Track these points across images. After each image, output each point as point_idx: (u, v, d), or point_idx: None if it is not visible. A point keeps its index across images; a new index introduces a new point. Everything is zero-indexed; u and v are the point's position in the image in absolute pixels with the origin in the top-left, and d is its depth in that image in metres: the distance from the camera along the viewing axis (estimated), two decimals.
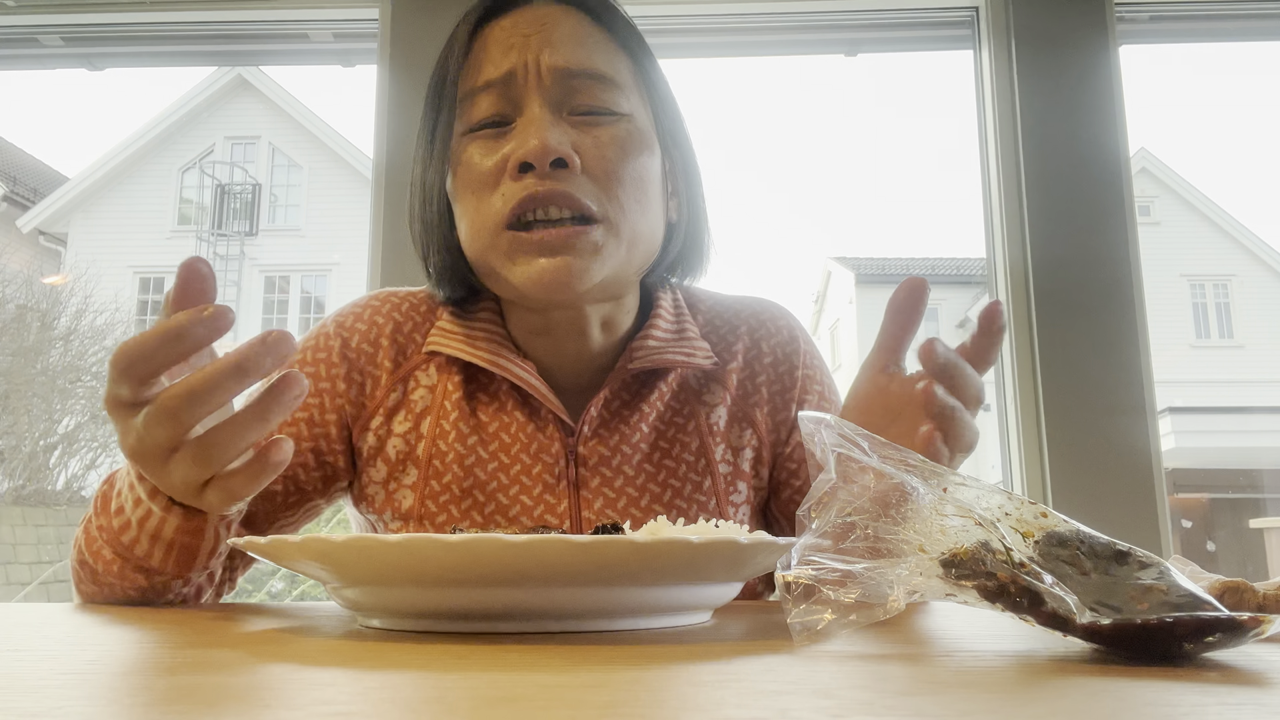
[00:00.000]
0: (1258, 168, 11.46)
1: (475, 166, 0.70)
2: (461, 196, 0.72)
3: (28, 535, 3.94)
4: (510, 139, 0.69)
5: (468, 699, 0.28)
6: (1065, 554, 0.41)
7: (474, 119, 0.71)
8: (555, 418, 0.76)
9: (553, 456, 0.75)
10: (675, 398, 0.79)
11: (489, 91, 0.70)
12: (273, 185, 6.83)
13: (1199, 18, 1.78)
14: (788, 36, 1.82)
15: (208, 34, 1.83)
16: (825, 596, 0.38)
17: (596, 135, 0.70)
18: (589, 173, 0.69)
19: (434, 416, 0.76)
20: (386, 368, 0.78)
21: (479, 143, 0.71)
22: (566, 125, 0.70)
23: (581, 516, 0.74)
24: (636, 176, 0.71)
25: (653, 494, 0.75)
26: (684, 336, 0.79)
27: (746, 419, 0.80)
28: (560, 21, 0.72)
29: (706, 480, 0.77)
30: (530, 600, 0.43)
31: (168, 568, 0.64)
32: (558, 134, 0.68)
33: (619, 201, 0.70)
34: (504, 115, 0.70)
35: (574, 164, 0.68)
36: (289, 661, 0.36)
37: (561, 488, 0.74)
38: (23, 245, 6.22)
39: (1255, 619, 0.34)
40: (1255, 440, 6.00)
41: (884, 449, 0.44)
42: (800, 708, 0.26)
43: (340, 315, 0.82)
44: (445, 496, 0.75)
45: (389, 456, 0.77)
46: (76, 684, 0.31)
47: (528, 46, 0.70)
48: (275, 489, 0.76)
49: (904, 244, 18.57)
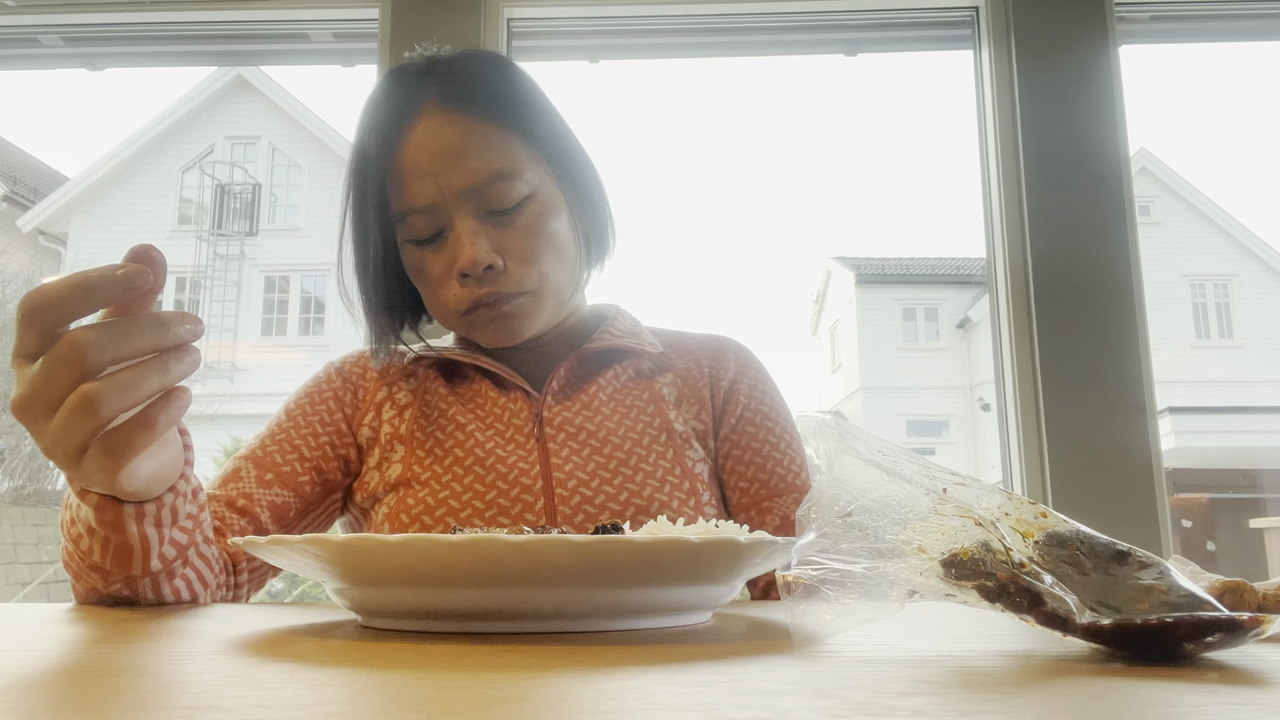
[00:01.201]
0: (1258, 168, 11.46)
1: (427, 271, 0.85)
2: (417, 280, 0.86)
3: (28, 535, 3.94)
4: (447, 249, 0.83)
5: (468, 699, 0.28)
6: (1065, 554, 0.41)
7: (412, 234, 0.84)
8: (523, 392, 0.88)
9: (522, 420, 0.86)
10: (630, 377, 0.91)
11: (420, 215, 0.83)
12: (273, 185, 6.84)
13: (1199, 18, 1.78)
14: (788, 36, 1.82)
15: (208, 34, 1.83)
16: (825, 596, 0.38)
17: (515, 226, 0.83)
18: (514, 260, 0.83)
19: (416, 405, 0.89)
20: (373, 377, 0.93)
21: (423, 252, 0.84)
22: (490, 227, 0.83)
23: (550, 464, 0.83)
24: (552, 244, 0.85)
25: (614, 444, 0.85)
26: (638, 335, 0.94)
27: (695, 398, 0.91)
28: (454, 137, 0.82)
29: (664, 435, 0.87)
30: (530, 600, 0.43)
31: (107, 564, 0.64)
32: (483, 244, 0.81)
33: (541, 273, 0.84)
34: (435, 228, 0.83)
35: (499, 265, 0.82)
36: (289, 661, 0.36)
37: (530, 445, 0.85)
38: (23, 245, 6.22)
39: (1255, 619, 0.34)
40: (1255, 440, 6.01)
41: (884, 450, 0.44)
42: (800, 708, 0.26)
43: (333, 359, 0.97)
44: (429, 459, 0.84)
45: (380, 441, 0.88)
46: (76, 684, 0.31)
47: (440, 173, 0.81)
48: (302, 479, 0.86)
49: (904, 244, 18.58)
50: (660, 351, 0.93)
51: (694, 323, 1.03)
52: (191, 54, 1.92)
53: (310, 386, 0.92)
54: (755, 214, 14.06)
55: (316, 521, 0.89)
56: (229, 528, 0.80)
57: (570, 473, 0.82)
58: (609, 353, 0.91)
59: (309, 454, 0.87)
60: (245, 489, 0.83)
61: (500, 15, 1.69)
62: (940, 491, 0.42)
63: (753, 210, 14.32)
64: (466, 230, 0.82)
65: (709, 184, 13.38)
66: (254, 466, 0.85)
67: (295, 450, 0.86)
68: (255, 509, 0.82)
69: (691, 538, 0.42)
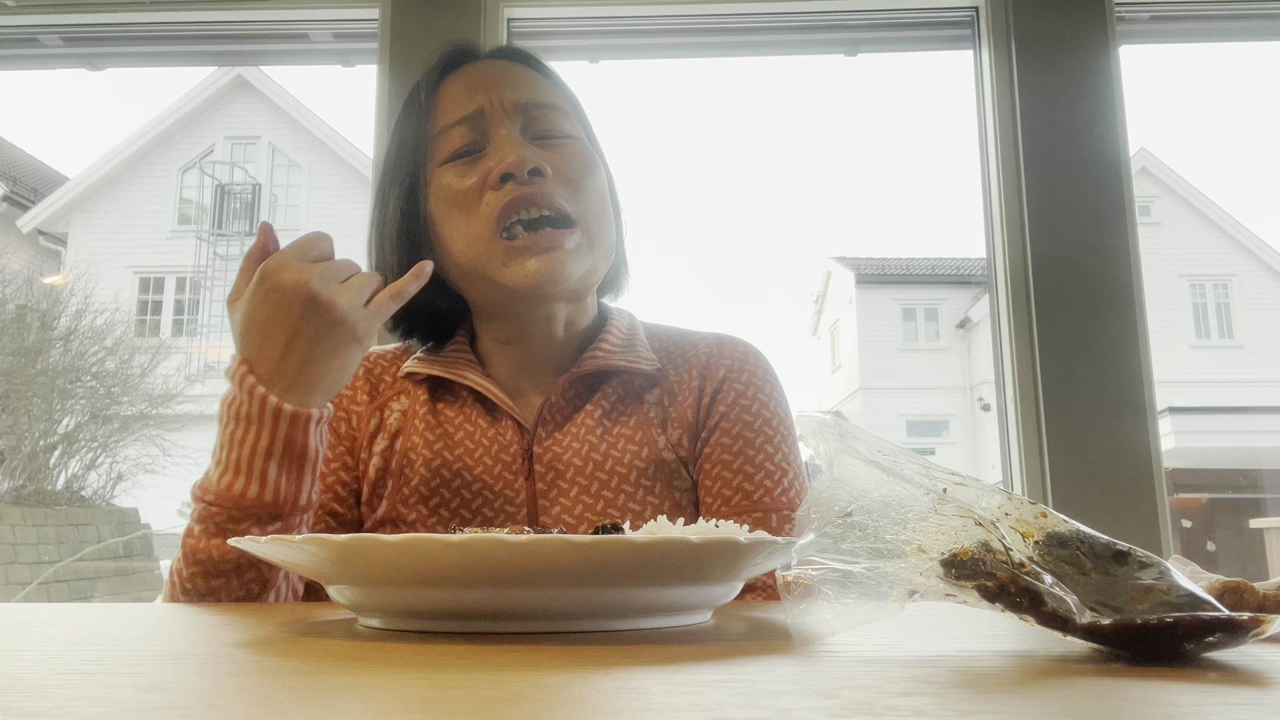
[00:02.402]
0: (1258, 168, 11.45)
1: (456, 187, 0.80)
2: (448, 215, 0.81)
3: (28, 535, 3.94)
4: (485, 160, 0.80)
5: (468, 699, 0.28)
6: (1065, 554, 0.41)
7: (447, 152, 0.82)
8: (513, 421, 0.84)
9: (511, 455, 0.82)
10: (620, 397, 0.86)
11: (460, 126, 0.81)
12: (273, 185, 6.83)
13: (1199, 18, 1.78)
14: (788, 36, 1.82)
15: (208, 34, 1.83)
16: (825, 596, 0.38)
17: (560, 152, 0.82)
18: (560, 180, 0.80)
19: (405, 434, 0.85)
20: (363, 401, 0.89)
21: (455, 169, 0.81)
22: (534, 146, 0.81)
23: (538, 505, 0.81)
24: (597, 189, 0.83)
25: (601, 481, 0.81)
26: (633, 348, 0.88)
27: (680, 419, 0.85)
28: (511, 68, 0.86)
29: (651, 466, 0.82)
30: (530, 600, 0.43)
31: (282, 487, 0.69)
32: (530, 150, 0.79)
33: (588, 208, 0.81)
34: (475, 145, 0.81)
35: (547, 172, 0.79)
36: (289, 661, 0.36)
37: (519, 483, 0.82)
38: (23, 245, 6.22)
39: (1255, 619, 0.34)
40: (1255, 440, 6.00)
41: (884, 450, 0.44)
42: (800, 708, 0.26)
43: None
44: (414, 498, 0.82)
45: (370, 477, 0.85)
46: (76, 684, 0.31)
47: (490, 88, 0.82)
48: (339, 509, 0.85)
49: (904, 244, 18.58)
50: (654, 369, 0.86)
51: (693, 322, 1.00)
52: (191, 54, 1.92)
53: None
54: (755, 214, 14.06)
55: None
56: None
57: (557, 516, 0.80)
58: (600, 374, 0.86)
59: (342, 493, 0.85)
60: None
61: (500, 15, 1.69)
62: (940, 491, 0.42)
63: (753, 210, 14.32)
64: (512, 136, 0.80)
65: (709, 184, 13.39)
66: None
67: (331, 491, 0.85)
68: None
69: (691, 538, 0.42)
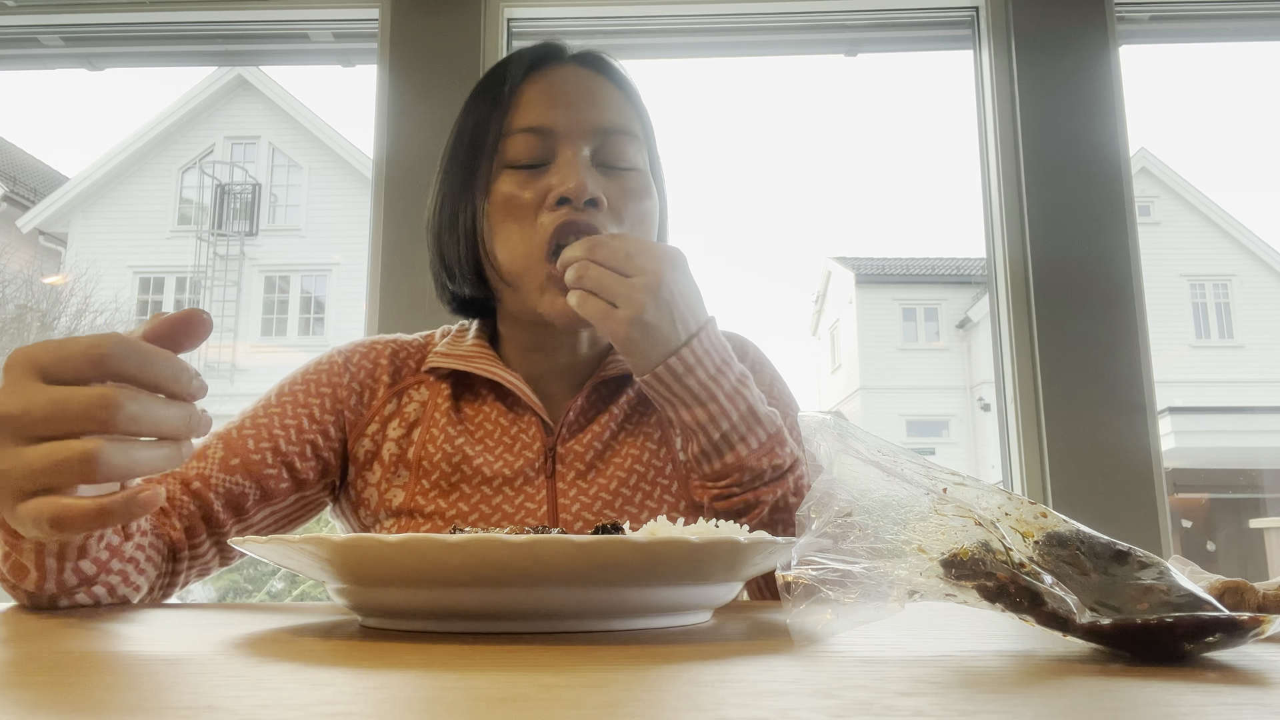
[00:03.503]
0: (1258, 168, 11.45)
1: (515, 197, 0.81)
2: (502, 223, 0.82)
3: None
4: (547, 176, 0.80)
5: (468, 699, 0.28)
6: (1065, 554, 0.41)
7: (511, 157, 0.82)
8: (537, 419, 0.85)
9: (534, 453, 0.83)
10: (639, 401, 0.88)
11: (531, 135, 0.81)
12: (273, 185, 6.83)
13: (1199, 18, 1.78)
14: (788, 36, 1.82)
15: (208, 34, 1.83)
16: (825, 596, 0.38)
17: (620, 184, 0.82)
18: (612, 213, 0.81)
19: (425, 425, 0.85)
20: (384, 381, 0.88)
21: (517, 178, 0.81)
22: (596, 173, 0.81)
23: (558, 504, 0.81)
24: (645, 223, 0.84)
25: (620, 479, 0.83)
26: None
27: None
28: (594, 83, 0.84)
29: (669, 466, 0.84)
30: (530, 600, 0.43)
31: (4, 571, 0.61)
32: (592, 178, 0.80)
33: None
34: (540, 159, 0.81)
35: (603, 204, 0.80)
36: (289, 661, 0.36)
37: (540, 480, 0.82)
38: (23, 245, 6.22)
39: (1255, 619, 0.34)
40: (1255, 440, 6.00)
41: (884, 450, 0.44)
42: (800, 708, 0.26)
43: (343, 344, 0.92)
44: (434, 491, 0.82)
45: (384, 460, 0.84)
46: (72, 684, 0.31)
47: (570, 105, 0.82)
48: (269, 472, 0.81)
49: (904, 244, 18.57)
50: None
51: None
52: (191, 54, 1.92)
53: (311, 373, 0.87)
54: (755, 214, 14.06)
55: (278, 514, 0.84)
56: (177, 509, 0.78)
57: (577, 514, 0.80)
58: (623, 379, 0.88)
59: (284, 448, 0.82)
60: (205, 471, 0.79)
61: (500, 15, 1.69)
62: (940, 491, 0.42)
63: (752, 210, 14.33)
64: (577, 158, 0.80)
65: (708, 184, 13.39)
66: (223, 448, 0.80)
67: (271, 441, 0.82)
68: (209, 494, 0.78)
69: (691, 538, 0.42)
